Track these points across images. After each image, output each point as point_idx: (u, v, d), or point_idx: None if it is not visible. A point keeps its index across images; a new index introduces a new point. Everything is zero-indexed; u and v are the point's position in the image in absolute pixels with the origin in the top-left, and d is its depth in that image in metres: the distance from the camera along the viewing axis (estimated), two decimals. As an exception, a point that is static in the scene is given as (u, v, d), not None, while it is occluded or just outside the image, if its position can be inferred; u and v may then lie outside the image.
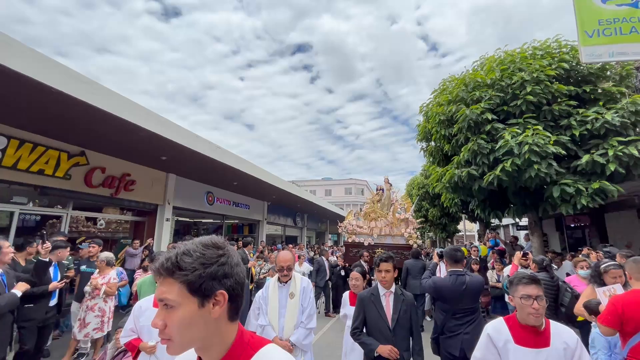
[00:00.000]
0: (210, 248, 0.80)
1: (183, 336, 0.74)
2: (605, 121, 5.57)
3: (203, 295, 0.76)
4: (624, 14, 3.52)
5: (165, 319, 0.74)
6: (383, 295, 2.59)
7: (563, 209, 5.87)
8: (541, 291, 1.76)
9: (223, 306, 0.78)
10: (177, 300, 0.74)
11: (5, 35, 3.85)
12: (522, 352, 1.72)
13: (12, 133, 5.71)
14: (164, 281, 0.76)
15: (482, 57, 7.62)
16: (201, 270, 0.76)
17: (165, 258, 0.77)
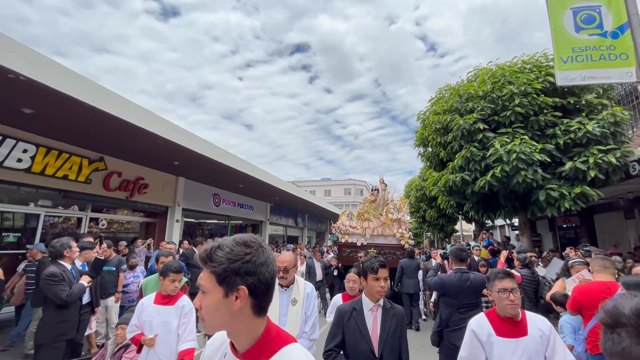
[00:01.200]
0: (240, 245, 0.87)
1: (210, 319, 0.85)
2: (587, 131, 6.08)
3: (227, 287, 0.84)
4: (594, 43, 4.01)
5: (201, 301, 0.86)
6: (369, 310, 2.08)
7: (549, 211, 6.38)
8: (515, 284, 1.93)
9: (243, 300, 0.85)
10: (208, 286, 0.85)
11: (48, 58, 4.31)
12: (504, 343, 1.84)
13: (40, 141, 6.17)
14: (204, 269, 0.88)
15: (476, 69, 8.12)
16: (226, 264, 0.84)
17: (204, 249, 0.88)
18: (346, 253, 8.18)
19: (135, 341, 2.58)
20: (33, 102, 4.77)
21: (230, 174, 9.72)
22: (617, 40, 3.97)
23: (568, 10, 4.15)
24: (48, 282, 3.28)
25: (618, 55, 3.94)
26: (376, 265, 2.09)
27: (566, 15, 4.15)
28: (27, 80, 4.03)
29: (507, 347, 1.83)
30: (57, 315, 3.37)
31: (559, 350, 1.78)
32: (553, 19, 4.19)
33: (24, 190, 6.37)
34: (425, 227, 18.66)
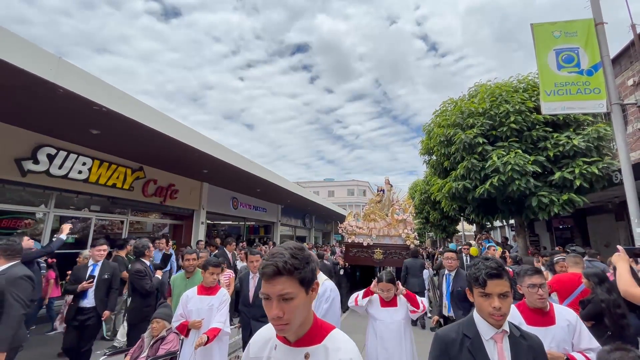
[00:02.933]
0: (302, 250, 1.02)
1: (296, 319, 0.96)
2: (574, 145, 6.94)
3: (307, 286, 0.99)
4: (573, 79, 4.85)
5: (284, 309, 0.94)
6: (490, 339, 1.41)
7: (540, 215, 7.25)
8: (543, 280, 2.07)
9: (317, 291, 1.03)
10: (295, 292, 0.95)
11: (121, 91, 5.20)
12: (534, 331, 1.85)
13: (95, 155, 7.07)
14: (279, 279, 0.96)
15: (477, 85, 8.99)
16: (307, 267, 0.99)
17: (283, 261, 0.96)
18: (353, 253, 8.45)
19: (183, 327, 2.93)
20: (102, 125, 5.66)
21: (250, 179, 10.60)
22: (592, 77, 4.83)
23: (552, 51, 5.01)
24: (136, 277, 4.17)
25: (592, 89, 4.80)
26: (482, 275, 1.38)
27: (550, 56, 5.01)
28: (108, 110, 4.92)
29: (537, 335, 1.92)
30: (143, 302, 4.26)
31: (585, 338, 1.92)
32: (539, 58, 5.06)
33: (81, 198, 7.27)
34: (428, 227, 19.51)
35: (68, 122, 5.51)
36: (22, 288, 2.70)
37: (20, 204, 6.27)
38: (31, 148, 5.91)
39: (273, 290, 0.94)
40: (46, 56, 4.05)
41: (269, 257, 0.98)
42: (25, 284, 2.73)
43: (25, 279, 2.74)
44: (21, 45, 3.82)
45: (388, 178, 9.43)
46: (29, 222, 6.43)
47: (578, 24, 5.02)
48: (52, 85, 4.11)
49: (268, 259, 0.98)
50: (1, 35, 3.61)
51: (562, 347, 1.92)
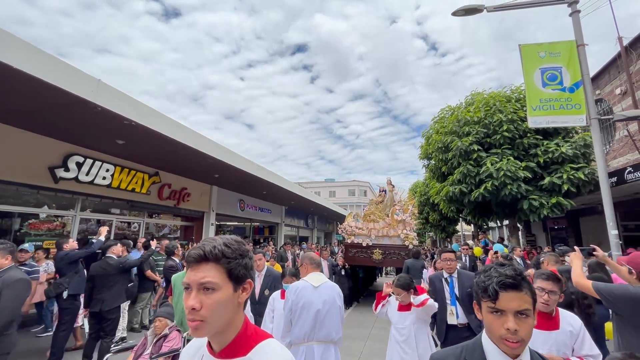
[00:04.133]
0: (241, 244, 0.94)
1: (217, 316, 0.83)
2: (562, 152, 7.47)
3: (237, 281, 0.89)
4: (556, 96, 5.37)
5: (202, 301, 0.82)
6: None
7: (531, 217, 7.78)
8: (555, 287, 2.03)
9: (249, 292, 0.92)
10: (219, 283, 0.85)
11: (148, 107, 5.73)
12: (536, 334, 1.94)
13: (117, 162, 7.60)
14: (204, 267, 0.85)
15: (473, 93, 9.52)
16: (240, 260, 0.90)
17: (211, 246, 0.87)
18: (352, 253, 8.53)
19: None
20: (127, 135, 6.19)
21: (257, 183, 11.13)
22: (573, 94, 5.35)
23: (537, 70, 5.53)
24: (170, 272, 4.71)
25: (573, 105, 5.32)
26: (493, 285, 1.04)
27: (536, 74, 5.53)
28: (136, 124, 5.45)
29: (538, 338, 1.98)
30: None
31: (586, 344, 1.94)
32: (526, 76, 5.58)
33: (103, 202, 7.81)
34: (428, 227, 20.05)
35: (97, 133, 6.05)
36: (17, 291, 2.65)
37: (51, 207, 6.81)
38: (62, 157, 6.45)
39: (194, 278, 0.84)
40: (87, 78, 4.58)
41: (198, 244, 0.90)
42: (21, 288, 2.69)
43: (23, 282, 2.71)
44: (64, 68, 4.35)
45: (390, 178, 9.50)
46: (58, 225, 6.97)
47: (561, 45, 5.54)
48: (92, 104, 4.64)
49: (196, 245, 0.90)
50: (47, 60, 4.12)
51: (562, 351, 1.94)
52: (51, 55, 4.24)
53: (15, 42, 3.80)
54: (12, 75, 3.88)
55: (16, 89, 4.30)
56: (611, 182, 7.86)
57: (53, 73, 4.16)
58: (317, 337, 2.57)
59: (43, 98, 4.53)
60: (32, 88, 4.22)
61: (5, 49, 3.67)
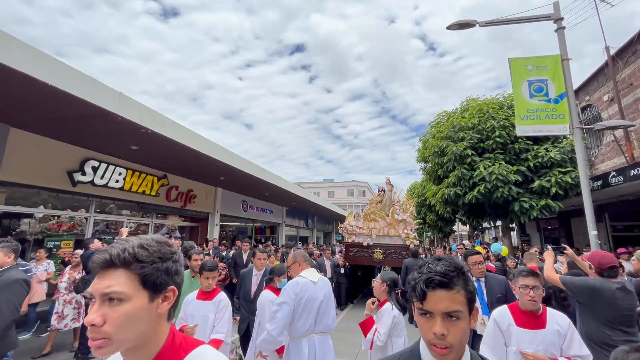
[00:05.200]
0: (163, 245, 0.81)
1: (124, 333, 0.70)
2: (551, 157, 7.91)
3: (155, 290, 0.75)
4: (542, 107, 5.80)
5: (105, 315, 0.69)
6: None
7: (522, 218, 8.22)
8: (538, 282, 2.06)
9: (172, 302, 0.79)
10: (128, 293, 0.71)
11: (163, 115, 6.11)
12: (523, 333, 2.00)
13: (128, 165, 7.98)
14: (109, 274, 0.73)
15: (468, 99, 9.96)
16: (158, 263, 0.76)
17: (120, 249, 0.74)
18: (353, 253, 8.52)
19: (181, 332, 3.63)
20: (141, 142, 6.58)
21: (260, 184, 11.52)
22: (558, 105, 5.78)
23: (525, 82, 5.96)
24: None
25: (558, 115, 5.75)
26: (421, 285, 0.91)
27: (524, 86, 5.95)
28: (152, 132, 5.84)
29: (525, 337, 2.00)
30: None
31: (575, 344, 1.94)
32: (515, 87, 6.00)
33: (116, 203, 8.19)
34: (426, 227, 20.48)
35: (114, 140, 6.43)
36: (15, 292, 2.61)
37: (67, 209, 7.19)
38: (79, 161, 6.82)
39: (97, 287, 0.72)
40: (110, 91, 4.97)
41: (106, 247, 0.78)
42: (19, 287, 2.65)
43: (21, 283, 2.68)
44: (90, 82, 4.74)
45: (389, 178, 9.49)
46: (74, 225, 7.35)
47: (547, 60, 5.96)
48: (114, 114, 5.03)
49: (103, 248, 0.74)
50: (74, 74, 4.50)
51: (549, 351, 1.93)
52: (78, 71, 4.62)
53: (47, 60, 4.19)
54: (44, 90, 4.27)
55: (46, 101, 4.69)
56: (597, 185, 8.31)
57: (80, 86, 4.54)
58: (317, 330, 2.69)
59: (70, 109, 4.92)
60: (61, 101, 4.60)
61: (39, 66, 4.05)
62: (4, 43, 3.74)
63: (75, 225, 7.35)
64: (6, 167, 5.59)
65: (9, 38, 3.80)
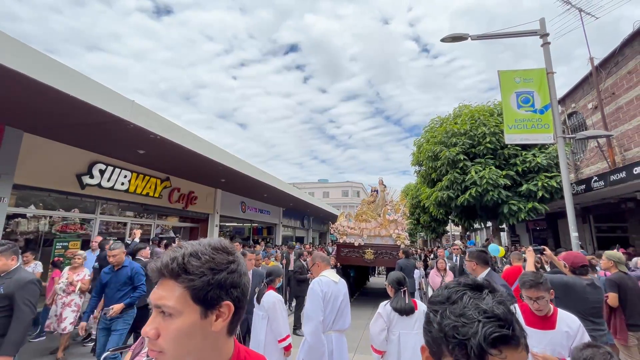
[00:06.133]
0: (220, 252, 0.73)
1: (178, 349, 0.65)
2: (537, 162, 8.37)
3: (207, 305, 0.68)
4: (529, 117, 6.22)
5: (160, 328, 0.66)
6: None
7: (510, 220, 8.67)
8: (541, 292, 2.02)
9: (227, 319, 0.71)
10: (178, 307, 0.66)
11: (171, 122, 6.38)
12: (533, 333, 1.97)
13: (133, 168, 8.21)
14: (163, 284, 0.69)
15: (461, 106, 10.39)
16: (210, 276, 0.69)
17: (170, 258, 0.69)
18: (344, 253, 8.56)
19: None
20: (148, 146, 6.83)
21: (259, 186, 11.80)
22: (543, 115, 6.20)
23: (513, 94, 6.37)
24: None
25: (543, 125, 6.17)
26: (479, 342, 0.55)
27: (512, 97, 6.37)
28: (161, 138, 6.10)
29: (533, 337, 1.98)
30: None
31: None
32: (504, 98, 6.41)
33: (121, 205, 8.41)
34: (420, 228, 20.97)
35: (123, 145, 6.68)
36: (31, 292, 2.73)
37: (75, 211, 7.40)
38: (87, 165, 7.05)
39: (153, 297, 0.69)
40: (123, 99, 5.23)
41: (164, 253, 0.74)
42: (34, 288, 2.78)
43: (35, 283, 2.80)
44: (106, 92, 5.00)
45: (382, 179, 9.48)
46: (81, 226, 7.56)
47: (534, 73, 6.39)
48: (126, 122, 5.29)
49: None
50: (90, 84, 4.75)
51: (557, 351, 1.93)
52: (95, 80, 4.88)
53: (67, 70, 4.44)
54: (63, 99, 4.52)
55: (64, 109, 4.93)
56: (581, 189, 8.81)
57: (96, 95, 4.80)
58: (335, 327, 2.77)
59: (86, 117, 5.17)
60: (80, 109, 4.85)
61: (60, 76, 4.31)
62: (29, 57, 3.99)
63: (82, 227, 7.56)
64: (20, 171, 5.81)
65: (33, 52, 4.05)
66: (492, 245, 7.19)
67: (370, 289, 12.53)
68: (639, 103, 8.76)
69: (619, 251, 4.92)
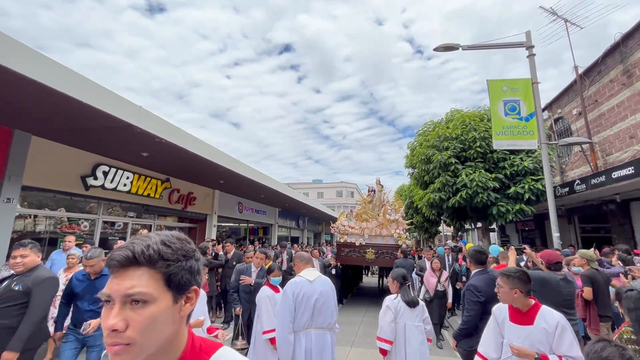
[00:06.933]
0: (184, 242, 0.76)
1: (148, 337, 0.65)
2: (525, 166, 8.78)
3: (179, 290, 0.71)
4: (515, 124, 6.61)
5: (128, 319, 0.64)
6: None
7: (499, 221, 9.07)
8: (502, 283, 2.22)
9: (194, 304, 0.75)
10: (154, 294, 0.66)
11: (175, 126, 6.61)
12: (513, 327, 2.12)
13: (135, 170, 8.40)
14: (132, 273, 0.67)
15: (453, 110, 10.79)
16: (183, 262, 0.72)
17: (144, 245, 0.69)
18: (345, 253, 8.49)
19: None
20: (152, 149, 7.04)
21: (257, 187, 12.05)
22: (528, 123, 6.60)
23: (501, 102, 6.76)
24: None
25: (528, 132, 6.57)
26: None
27: (500, 105, 6.76)
28: (165, 141, 6.34)
29: (514, 332, 2.11)
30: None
31: (564, 344, 1.95)
32: (492, 106, 6.80)
33: (122, 206, 8.60)
34: (413, 228, 21.41)
35: (128, 147, 6.89)
36: (49, 288, 2.80)
37: (79, 212, 7.57)
38: (91, 166, 7.23)
39: (118, 288, 0.65)
40: (131, 105, 5.46)
41: (126, 243, 0.71)
42: (52, 284, 2.85)
43: (53, 280, 2.88)
44: (115, 98, 5.22)
45: (379, 179, 9.51)
46: (84, 226, 7.73)
47: (520, 82, 6.79)
48: (134, 126, 5.52)
49: (122, 244, 0.70)
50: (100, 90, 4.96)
51: (536, 347, 1.99)
52: (104, 87, 5.10)
53: (77, 77, 4.66)
54: (73, 104, 4.74)
55: (74, 114, 5.14)
56: (565, 191, 9.26)
57: (106, 101, 5.02)
58: (314, 325, 2.85)
59: (94, 121, 5.38)
60: (87, 114, 5.07)
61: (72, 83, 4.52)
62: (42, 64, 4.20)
63: (86, 226, 7.74)
64: (27, 173, 5.99)
65: (46, 59, 4.26)
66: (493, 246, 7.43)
67: (364, 288, 12.87)
68: (619, 110, 9.26)
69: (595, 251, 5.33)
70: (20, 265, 2.75)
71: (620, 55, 9.06)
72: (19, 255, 2.77)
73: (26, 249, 2.80)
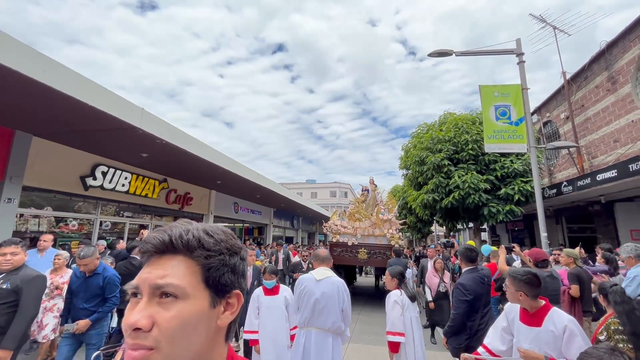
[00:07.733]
0: (230, 236, 0.62)
1: (177, 344, 0.51)
2: (515, 168, 9.10)
3: (218, 292, 0.57)
4: (506, 128, 6.88)
5: (155, 316, 0.51)
6: None
7: (490, 221, 9.37)
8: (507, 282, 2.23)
9: (235, 312, 0.60)
10: (187, 289, 0.53)
11: (176, 128, 6.70)
12: (522, 328, 2.13)
13: (133, 170, 8.45)
14: (166, 261, 0.55)
15: (446, 113, 11.07)
16: (226, 256, 0.59)
17: (183, 230, 0.57)
18: (337, 252, 8.31)
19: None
20: (152, 150, 7.12)
21: (253, 187, 12.16)
22: (518, 127, 6.87)
23: (492, 107, 7.02)
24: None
25: (518, 136, 6.84)
26: None
27: (491, 109, 7.02)
28: (166, 143, 6.43)
29: (523, 332, 2.11)
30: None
31: (572, 348, 1.88)
32: (484, 111, 7.06)
33: (120, 206, 8.64)
34: (406, 229, 21.74)
35: (128, 148, 6.95)
36: (38, 287, 2.75)
37: (77, 211, 7.60)
38: (90, 167, 7.28)
39: (147, 277, 0.54)
40: (135, 107, 5.56)
41: (164, 227, 0.59)
42: (42, 283, 2.80)
43: (42, 279, 2.82)
44: (120, 101, 5.31)
45: (372, 178, 9.47)
46: (82, 226, 7.76)
47: (510, 88, 7.06)
48: (137, 128, 5.62)
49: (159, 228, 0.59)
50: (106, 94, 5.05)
51: (543, 350, 1.97)
52: (109, 90, 5.19)
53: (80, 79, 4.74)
54: (76, 107, 4.82)
55: (76, 116, 5.22)
56: (552, 192, 9.61)
57: (108, 103, 5.11)
58: (315, 324, 2.83)
59: (97, 123, 5.46)
60: (91, 115, 5.15)
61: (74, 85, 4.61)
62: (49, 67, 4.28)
63: (84, 227, 7.77)
64: (28, 174, 6.02)
65: (51, 61, 4.34)
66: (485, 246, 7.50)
67: (358, 288, 13.06)
68: (604, 115, 9.64)
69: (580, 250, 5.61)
70: (10, 262, 2.69)
71: (605, 62, 9.44)
72: (9, 252, 2.71)
73: (17, 247, 2.76)
